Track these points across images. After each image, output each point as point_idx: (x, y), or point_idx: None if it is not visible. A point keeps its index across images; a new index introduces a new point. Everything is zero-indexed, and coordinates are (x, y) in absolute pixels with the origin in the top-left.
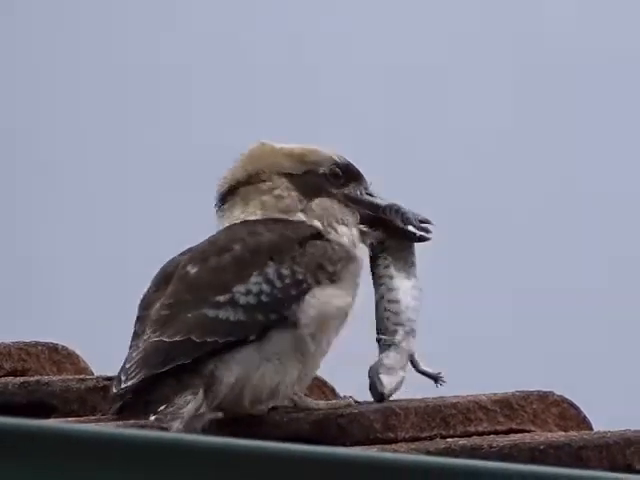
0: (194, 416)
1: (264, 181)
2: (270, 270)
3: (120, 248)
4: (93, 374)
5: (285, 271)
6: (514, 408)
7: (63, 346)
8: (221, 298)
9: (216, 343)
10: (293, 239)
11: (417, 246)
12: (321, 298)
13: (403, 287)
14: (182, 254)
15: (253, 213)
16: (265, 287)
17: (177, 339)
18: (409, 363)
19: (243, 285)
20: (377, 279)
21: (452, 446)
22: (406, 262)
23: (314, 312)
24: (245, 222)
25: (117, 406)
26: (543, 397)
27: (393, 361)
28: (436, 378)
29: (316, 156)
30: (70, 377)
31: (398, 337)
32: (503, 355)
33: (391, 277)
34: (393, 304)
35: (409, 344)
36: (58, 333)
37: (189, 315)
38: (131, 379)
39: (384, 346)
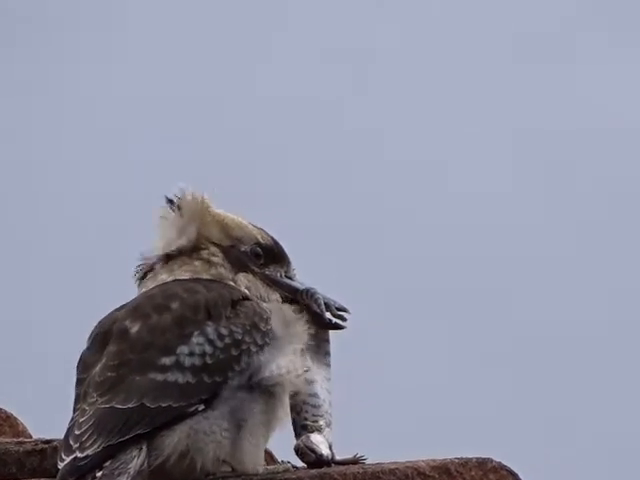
0: (138, 472)
1: (203, 249)
2: (210, 329)
3: (55, 315)
4: (31, 437)
5: (224, 330)
6: (452, 474)
7: (1, 409)
8: (166, 360)
9: (170, 408)
10: (228, 299)
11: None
12: (280, 361)
13: (319, 379)
14: (116, 310)
15: (181, 275)
16: (207, 348)
17: (130, 405)
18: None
19: (186, 346)
20: None
21: None
22: (319, 350)
23: (278, 373)
24: (177, 280)
25: (76, 475)
26: (482, 463)
27: (320, 439)
28: (355, 461)
29: (241, 232)
30: (8, 440)
31: (321, 423)
32: (442, 420)
33: (308, 369)
34: (312, 397)
35: (329, 435)
36: None
37: (137, 378)
38: (88, 448)
39: (306, 431)
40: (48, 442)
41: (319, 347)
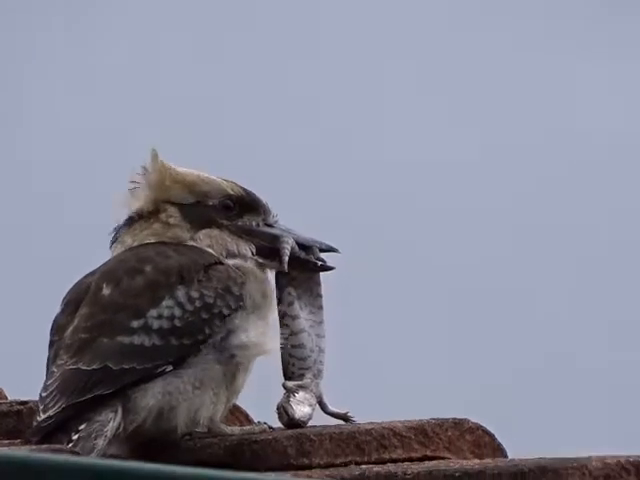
0: (115, 435)
1: (161, 211)
2: (180, 293)
3: (35, 288)
4: (7, 398)
5: (195, 294)
6: (429, 435)
7: None
8: (135, 323)
9: (133, 370)
10: (201, 263)
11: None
12: (249, 328)
13: (307, 327)
14: (89, 274)
15: (146, 238)
16: (177, 311)
17: (94, 367)
18: (317, 404)
19: (156, 309)
20: (281, 317)
21: (367, 473)
22: (312, 293)
23: (247, 343)
24: (149, 244)
25: (39, 436)
26: (458, 424)
27: (301, 398)
28: (345, 418)
29: (207, 187)
30: None
31: (306, 380)
32: (418, 377)
33: (294, 317)
34: (297, 349)
35: (317, 387)
36: None
37: (105, 341)
38: (50, 408)
39: (292, 389)
40: (24, 403)
41: (311, 290)
